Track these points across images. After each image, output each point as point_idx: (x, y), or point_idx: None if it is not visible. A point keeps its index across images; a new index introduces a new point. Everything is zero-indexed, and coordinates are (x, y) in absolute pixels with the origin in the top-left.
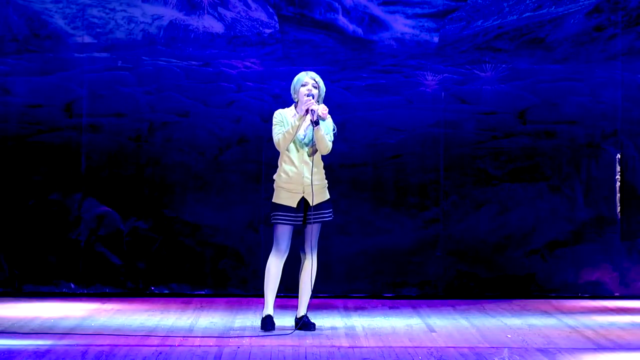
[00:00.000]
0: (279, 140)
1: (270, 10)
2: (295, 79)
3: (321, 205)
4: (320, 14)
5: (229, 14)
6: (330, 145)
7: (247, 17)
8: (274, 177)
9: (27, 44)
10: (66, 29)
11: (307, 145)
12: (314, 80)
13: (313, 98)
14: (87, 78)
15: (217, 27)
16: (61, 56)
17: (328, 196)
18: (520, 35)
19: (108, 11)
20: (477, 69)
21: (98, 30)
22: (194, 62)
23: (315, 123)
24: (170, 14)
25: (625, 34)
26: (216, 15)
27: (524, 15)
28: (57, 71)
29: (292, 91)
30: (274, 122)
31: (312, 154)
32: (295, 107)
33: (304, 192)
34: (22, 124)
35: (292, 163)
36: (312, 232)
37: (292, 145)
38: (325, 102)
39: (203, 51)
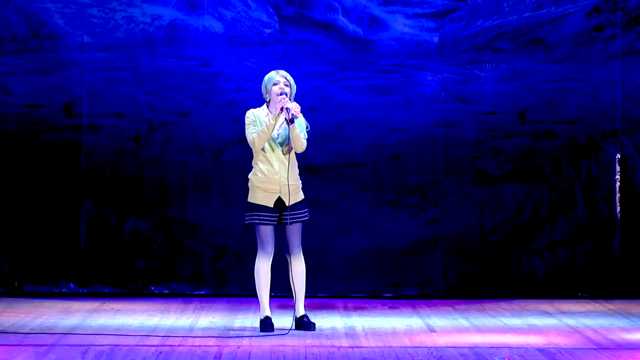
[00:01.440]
0: (253, 139)
1: (270, 10)
2: (266, 77)
3: (295, 206)
4: (320, 14)
5: (229, 14)
6: (305, 143)
7: (247, 17)
8: (249, 176)
9: (27, 44)
10: (66, 28)
11: (281, 144)
12: (285, 78)
13: (286, 96)
14: (86, 78)
15: (217, 27)
16: (61, 56)
17: (302, 196)
18: (520, 35)
19: (108, 11)
20: (477, 68)
21: (98, 30)
22: (194, 62)
23: (290, 121)
24: (170, 13)
25: (624, 34)
26: (216, 15)
27: (524, 15)
28: (56, 71)
29: (263, 90)
30: (246, 122)
31: (287, 152)
32: (267, 107)
33: (280, 192)
34: (22, 124)
35: (269, 162)
36: (294, 233)
37: (267, 145)
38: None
39: (203, 51)
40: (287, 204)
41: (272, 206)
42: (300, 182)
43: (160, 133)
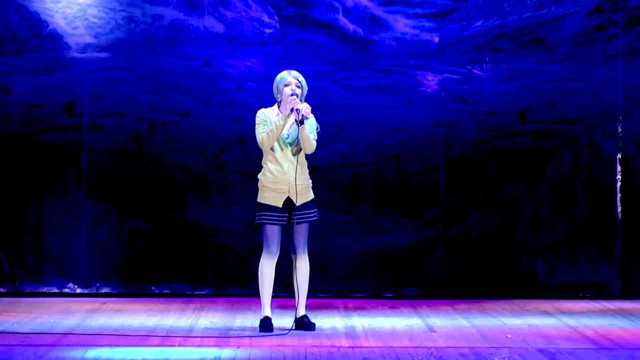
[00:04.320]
0: (262, 139)
1: (271, 10)
2: (278, 77)
3: (305, 205)
4: (321, 14)
5: (229, 14)
6: (314, 144)
7: (248, 17)
8: (259, 176)
9: (27, 44)
10: (66, 29)
11: (291, 144)
12: (297, 79)
13: (297, 97)
14: (87, 78)
15: (218, 27)
16: (61, 56)
17: (312, 196)
18: (521, 35)
19: (108, 11)
20: (477, 69)
21: (98, 30)
22: (194, 62)
23: (300, 122)
24: (170, 13)
25: (625, 34)
26: (217, 15)
27: (524, 16)
28: (57, 71)
29: (274, 91)
30: (257, 122)
31: (296, 153)
32: (279, 107)
33: (289, 192)
34: (22, 124)
35: (277, 162)
36: (300, 233)
37: (276, 145)
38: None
39: (203, 51)
40: (295, 204)
41: (280, 206)
42: (311, 181)
43: (160, 133)
